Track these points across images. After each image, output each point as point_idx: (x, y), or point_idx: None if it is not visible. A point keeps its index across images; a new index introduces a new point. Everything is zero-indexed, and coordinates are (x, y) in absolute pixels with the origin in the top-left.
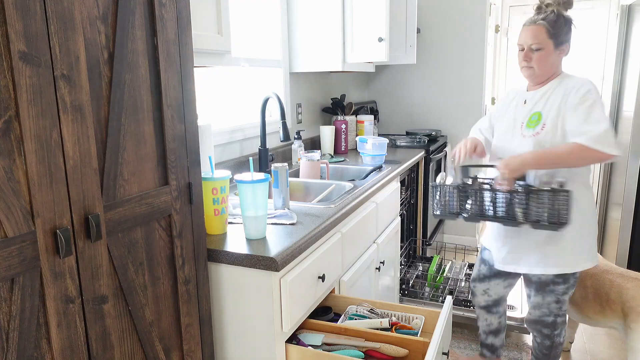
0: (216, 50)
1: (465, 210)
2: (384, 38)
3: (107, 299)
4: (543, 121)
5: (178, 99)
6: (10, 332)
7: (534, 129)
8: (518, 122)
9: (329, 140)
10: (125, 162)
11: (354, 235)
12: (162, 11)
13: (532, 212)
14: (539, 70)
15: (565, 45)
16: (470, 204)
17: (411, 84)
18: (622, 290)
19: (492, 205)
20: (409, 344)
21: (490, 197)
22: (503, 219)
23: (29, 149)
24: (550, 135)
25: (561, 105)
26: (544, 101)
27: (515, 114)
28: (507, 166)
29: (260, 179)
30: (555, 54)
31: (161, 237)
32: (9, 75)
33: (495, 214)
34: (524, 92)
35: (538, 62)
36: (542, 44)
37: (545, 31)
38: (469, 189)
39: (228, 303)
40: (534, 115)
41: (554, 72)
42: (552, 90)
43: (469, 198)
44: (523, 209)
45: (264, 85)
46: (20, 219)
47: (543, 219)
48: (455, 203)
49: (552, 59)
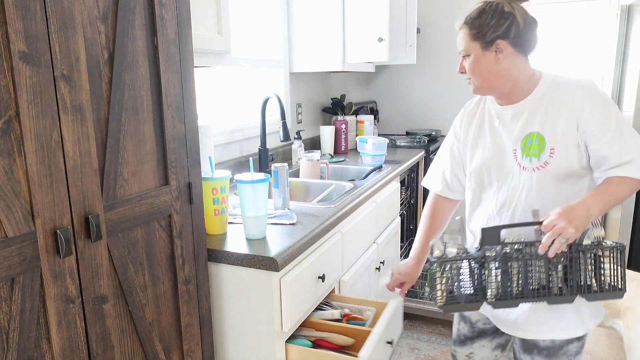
0: (216, 50)
1: (484, 292)
2: (384, 38)
3: (107, 299)
4: (549, 145)
5: (178, 99)
6: (11, 332)
7: (539, 158)
8: (506, 150)
9: (329, 140)
10: (125, 162)
11: (354, 235)
12: (162, 11)
13: (581, 279)
14: (477, 81)
15: (500, 43)
16: (494, 282)
17: (411, 84)
18: None
19: (519, 277)
20: (355, 333)
21: (518, 268)
22: (550, 296)
23: (29, 149)
24: (564, 162)
25: (569, 123)
26: (538, 117)
27: (494, 136)
28: (571, 222)
29: (260, 179)
30: (487, 57)
31: (161, 237)
32: (9, 75)
33: (536, 289)
34: (494, 106)
35: (472, 73)
36: (468, 49)
37: (467, 33)
38: (499, 260)
39: (228, 303)
40: (531, 137)
41: (519, 77)
42: (543, 100)
43: (485, 275)
44: (573, 277)
45: (264, 85)
46: (20, 219)
47: (604, 286)
48: (467, 284)
49: (486, 64)
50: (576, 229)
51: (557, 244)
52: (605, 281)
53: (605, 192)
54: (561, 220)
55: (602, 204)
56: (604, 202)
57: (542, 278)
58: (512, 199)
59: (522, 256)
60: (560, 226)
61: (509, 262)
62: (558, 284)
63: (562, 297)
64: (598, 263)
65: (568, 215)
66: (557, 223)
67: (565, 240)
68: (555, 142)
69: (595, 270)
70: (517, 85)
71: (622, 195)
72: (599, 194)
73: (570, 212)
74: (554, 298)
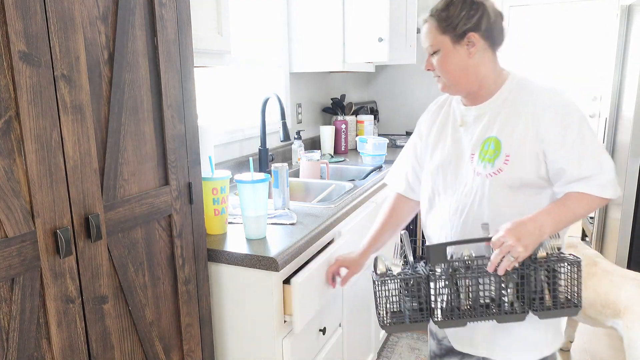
0: (216, 50)
1: (430, 311)
2: (384, 38)
3: (107, 299)
4: (505, 152)
5: (178, 99)
6: (11, 332)
7: (493, 164)
8: (464, 152)
9: (329, 140)
10: (125, 162)
11: (354, 235)
12: (162, 11)
13: (534, 294)
14: (446, 79)
15: (471, 35)
16: (440, 300)
17: (411, 84)
18: (622, 290)
19: (469, 294)
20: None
21: (466, 285)
22: (500, 314)
23: (29, 149)
24: (519, 171)
25: (528, 130)
26: (498, 121)
27: (454, 139)
28: (520, 240)
29: (260, 179)
30: (458, 52)
31: (161, 237)
32: (9, 75)
33: (486, 306)
34: (459, 107)
35: (441, 69)
36: (436, 44)
37: (435, 26)
38: (445, 278)
39: (228, 303)
40: (488, 142)
41: (486, 74)
42: (505, 103)
43: (432, 293)
44: (525, 293)
45: (264, 85)
46: (20, 219)
47: (557, 302)
48: (413, 303)
49: (457, 59)
50: (525, 248)
51: (505, 262)
52: (560, 297)
53: (561, 208)
54: (509, 238)
55: (557, 221)
56: (559, 219)
57: (493, 294)
58: (465, 206)
59: (470, 273)
60: (508, 244)
61: (456, 280)
62: (509, 300)
63: (513, 315)
64: (553, 277)
65: (517, 233)
66: (505, 240)
67: (514, 259)
68: (512, 149)
69: (550, 285)
70: (483, 84)
71: (580, 212)
72: (554, 209)
73: (519, 229)
74: (503, 316)
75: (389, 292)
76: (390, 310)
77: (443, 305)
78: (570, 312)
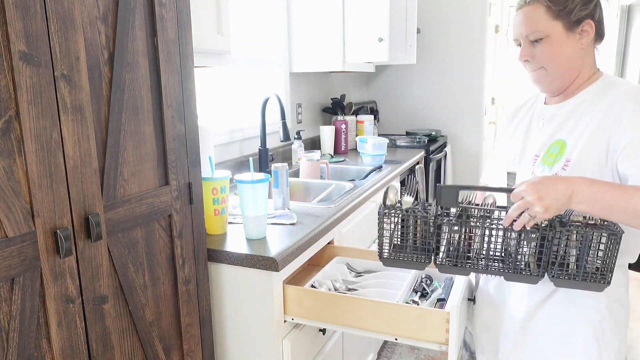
0: (216, 50)
1: (433, 252)
2: (384, 38)
3: (107, 299)
4: (566, 156)
5: (178, 99)
6: (11, 332)
7: (551, 168)
8: (530, 154)
9: (329, 140)
10: (125, 162)
11: (354, 235)
12: (162, 11)
13: (557, 261)
14: (552, 69)
15: (586, 23)
16: (448, 243)
17: (411, 84)
18: None
19: (479, 243)
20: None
21: (478, 234)
22: (509, 271)
23: (29, 149)
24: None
25: (600, 132)
26: (571, 123)
27: (526, 139)
28: (542, 200)
29: (260, 179)
30: (570, 40)
31: (161, 237)
32: (9, 75)
33: (494, 260)
34: (540, 106)
35: (547, 59)
36: (544, 30)
37: (544, 10)
38: (448, 220)
39: (228, 303)
40: (555, 145)
41: (582, 70)
42: (587, 105)
43: (442, 234)
44: (542, 254)
45: (264, 85)
46: (20, 219)
47: (587, 272)
48: (418, 241)
49: (568, 49)
50: (545, 209)
51: (522, 219)
52: (589, 268)
53: (614, 187)
54: (530, 194)
55: (598, 198)
56: (602, 198)
57: (511, 249)
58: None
59: (484, 222)
60: (527, 200)
61: (465, 227)
62: (526, 259)
63: (523, 275)
64: (587, 246)
65: (541, 190)
66: (525, 195)
67: (531, 218)
68: (574, 154)
69: (580, 252)
70: (577, 81)
71: (638, 205)
72: (603, 184)
73: (545, 187)
74: (513, 275)
75: (391, 225)
76: (391, 244)
77: (450, 249)
78: (595, 287)
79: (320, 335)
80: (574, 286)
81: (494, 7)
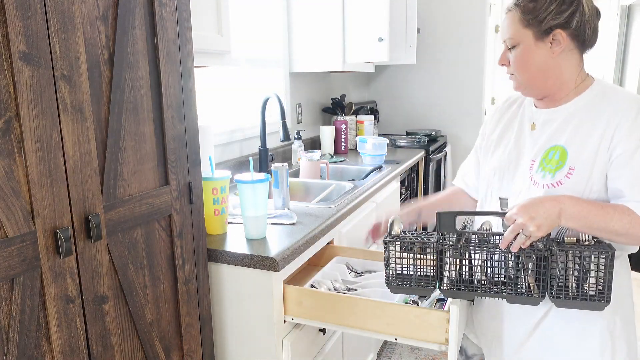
0: (216, 50)
1: (437, 278)
2: (384, 38)
3: (107, 299)
4: (569, 164)
5: (178, 99)
6: (11, 332)
7: (554, 175)
8: (525, 158)
9: (329, 140)
10: (125, 162)
11: (354, 235)
12: (162, 11)
13: (556, 280)
14: (520, 77)
15: (557, 33)
16: (449, 270)
17: (411, 84)
18: None
19: (482, 269)
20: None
21: (479, 259)
22: (510, 293)
23: (29, 149)
24: (581, 187)
25: (602, 142)
26: (570, 130)
27: (518, 142)
28: (533, 220)
29: (260, 179)
30: (540, 50)
31: (161, 237)
32: (9, 75)
33: (495, 283)
34: (531, 108)
35: (517, 66)
36: (516, 38)
37: (518, 19)
38: (454, 248)
39: (228, 303)
40: (554, 150)
41: (565, 78)
42: (582, 110)
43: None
44: (542, 275)
45: (264, 85)
46: (20, 219)
47: (585, 292)
48: (423, 268)
49: (538, 58)
50: (538, 228)
51: (519, 239)
52: (586, 288)
53: (597, 208)
54: (521, 216)
55: (582, 217)
56: (586, 216)
57: (510, 272)
58: None
59: (484, 246)
60: (519, 222)
61: (466, 252)
62: (526, 282)
63: (525, 297)
64: (581, 266)
65: (531, 211)
66: (517, 218)
67: (526, 238)
68: (578, 162)
69: (578, 273)
70: (563, 88)
71: (616, 227)
72: (588, 204)
73: (535, 207)
74: (515, 297)
75: (397, 254)
76: (396, 271)
77: (452, 275)
78: (595, 307)
79: (320, 335)
80: (575, 306)
81: (494, 7)
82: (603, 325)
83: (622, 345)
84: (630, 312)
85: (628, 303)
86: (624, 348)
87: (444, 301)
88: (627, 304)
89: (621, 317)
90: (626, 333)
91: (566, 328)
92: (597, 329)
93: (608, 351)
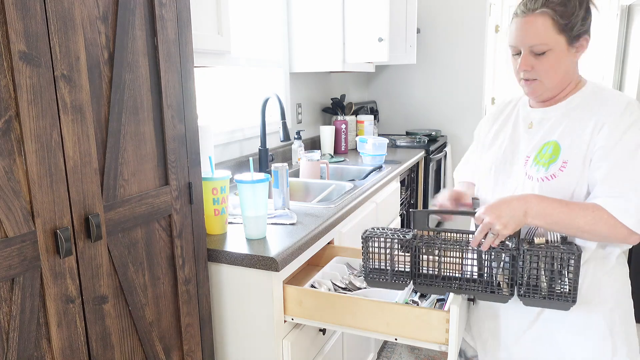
0: (216, 50)
1: (413, 274)
2: (384, 38)
3: (107, 299)
4: (563, 158)
5: (178, 99)
6: (11, 332)
7: (547, 169)
8: (520, 154)
9: (329, 140)
10: (125, 162)
11: (354, 235)
12: (162, 11)
13: (525, 279)
14: (549, 82)
15: (584, 38)
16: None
17: (411, 84)
18: None
19: (454, 265)
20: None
21: (452, 256)
22: (480, 291)
23: (29, 149)
24: (574, 180)
25: (592, 140)
26: (563, 126)
27: (513, 140)
28: (500, 218)
29: (260, 179)
30: (569, 55)
31: (161, 237)
32: (9, 75)
33: (466, 280)
34: (525, 108)
35: (547, 72)
36: (549, 43)
37: (551, 23)
38: (424, 244)
39: (228, 303)
40: (547, 146)
41: (570, 80)
42: (575, 110)
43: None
44: (510, 274)
45: (264, 85)
46: (20, 219)
47: (553, 292)
48: (398, 264)
49: (567, 63)
50: (504, 226)
51: (488, 238)
52: (554, 287)
53: (561, 205)
54: (488, 215)
55: (548, 214)
56: (551, 214)
57: (482, 270)
58: None
59: (456, 245)
60: (487, 221)
61: (437, 249)
62: (496, 280)
63: (494, 294)
64: (548, 265)
65: (497, 210)
66: (484, 217)
67: (494, 236)
68: (571, 156)
69: (545, 272)
70: (567, 88)
71: (580, 223)
72: (553, 202)
73: (501, 207)
74: (484, 294)
75: (373, 249)
76: (373, 266)
77: (425, 271)
78: (561, 306)
79: (320, 335)
80: (542, 305)
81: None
82: (600, 321)
83: (622, 342)
84: (629, 312)
85: (626, 303)
86: (624, 346)
87: (444, 301)
88: (625, 304)
89: (620, 315)
90: (625, 331)
91: (564, 323)
92: (596, 325)
93: (608, 349)
